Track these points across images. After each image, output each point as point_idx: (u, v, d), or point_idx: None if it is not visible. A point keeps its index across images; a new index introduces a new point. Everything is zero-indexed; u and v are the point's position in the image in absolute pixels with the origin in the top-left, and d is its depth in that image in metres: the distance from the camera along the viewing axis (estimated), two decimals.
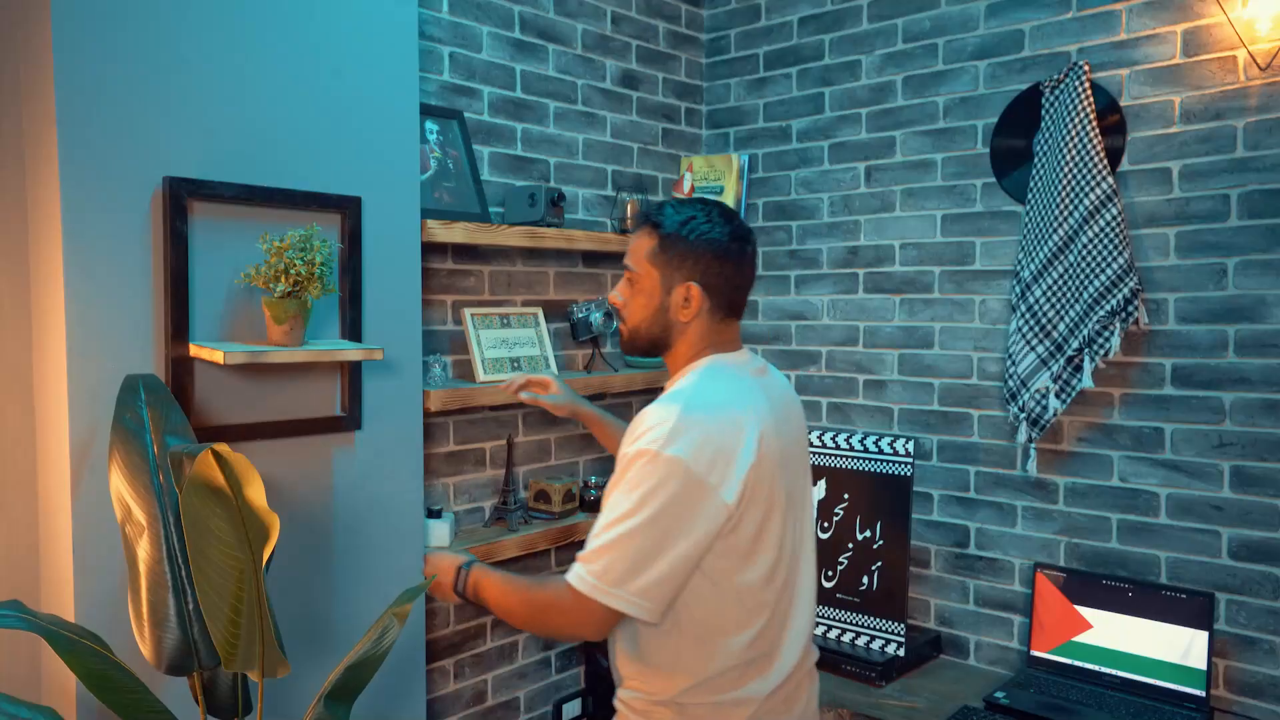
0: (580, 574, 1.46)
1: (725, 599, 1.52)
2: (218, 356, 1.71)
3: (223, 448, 1.38)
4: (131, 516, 1.60)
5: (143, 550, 1.59)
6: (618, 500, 1.47)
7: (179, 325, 1.76)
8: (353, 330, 2.03)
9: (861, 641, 2.60)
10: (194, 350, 1.78)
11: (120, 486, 1.60)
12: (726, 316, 1.63)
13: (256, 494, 1.42)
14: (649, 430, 1.48)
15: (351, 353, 1.91)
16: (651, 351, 1.67)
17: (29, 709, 1.44)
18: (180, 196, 1.75)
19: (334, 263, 1.92)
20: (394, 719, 2.16)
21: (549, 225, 2.52)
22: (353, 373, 2.03)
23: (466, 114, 2.52)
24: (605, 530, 1.46)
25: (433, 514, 2.34)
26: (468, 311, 2.46)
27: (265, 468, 1.85)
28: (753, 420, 1.51)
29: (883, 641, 2.57)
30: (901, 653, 2.53)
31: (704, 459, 1.45)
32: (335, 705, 1.60)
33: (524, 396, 2.03)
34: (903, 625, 2.55)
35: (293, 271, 1.76)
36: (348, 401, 2.03)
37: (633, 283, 1.64)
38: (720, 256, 1.59)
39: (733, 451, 1.48)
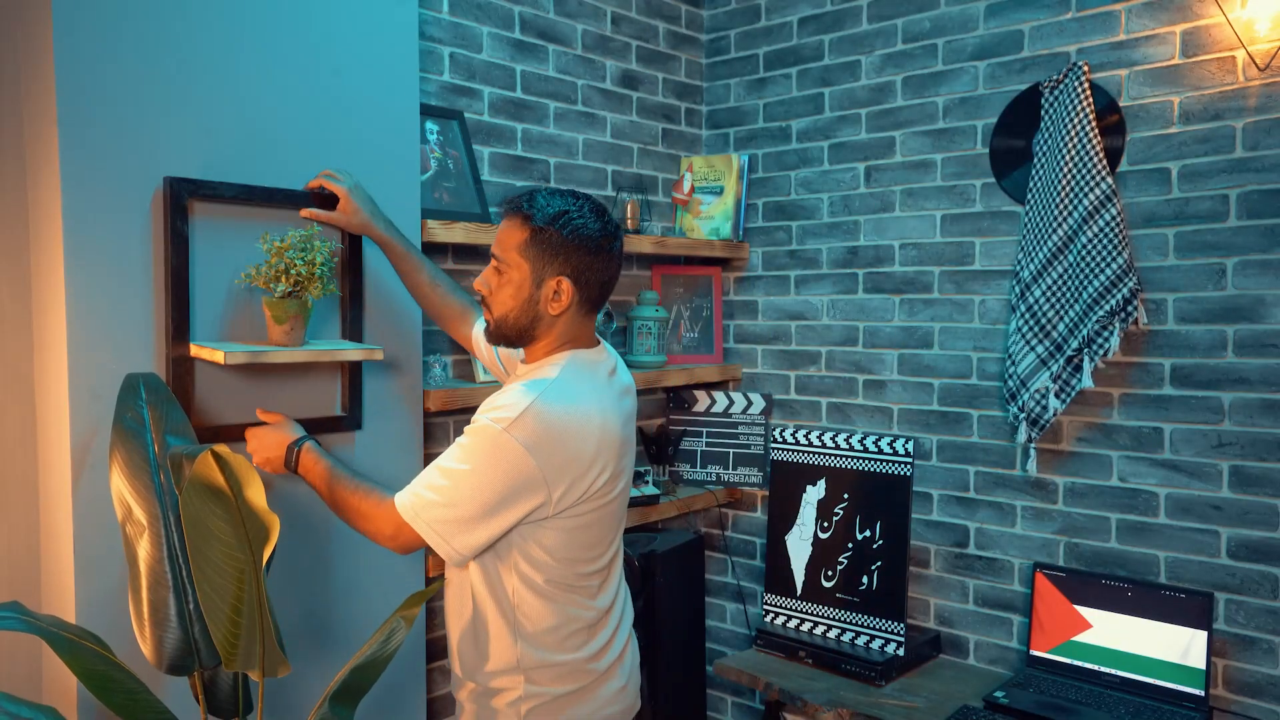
0: (404, 498, 1.59)
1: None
2: (218, 357, 1.72)
3: (222, 449, 1.38)
4: (132, 516, 1.60)
5: (143, 550, 1.59)
6: (455, 457, 1.58)
7: (179, 325, 1.77)
8: (353, 330, 2.03)
9: (861, 641, 2.61)
10: (194, 350, 1.78)
11: (121, 486, 1.60)
12: (591, 311, 1.69)
13: (257, 494, 1.42)
14: (502, 408, 1.56)
15: (351, 353, 1.91)
16: (516, 342, 1.70)
17: (30, 709, 1.44)
18: (180, 196, 1.75)
19: (334, 263, 1.92)
20: (394, 718, 2.17)
21: None
22: (353, 373, 2.03)
23: (466, 114, 2.53)
24: (441, 468, 1.58)
25: None
26: None
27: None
28: (599, 422, 1.61)
29: (882, 641, 2.57)
30: (901, 652, 2.53)
31: (542, 450, 1.55)
32: (340, 706, 1.60)
33: (304, 212, 1.87)
34: (902, 625, 2.56)
35: (293, 271, 1.76)
36: (348, 401, 2.03)
37: (501, 272, 1.65)
38: (592, 252, 1.63)
39: (572, 451, 1.58)
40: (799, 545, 2.77)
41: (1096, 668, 2.35)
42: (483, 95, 2.58)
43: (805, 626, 2.72)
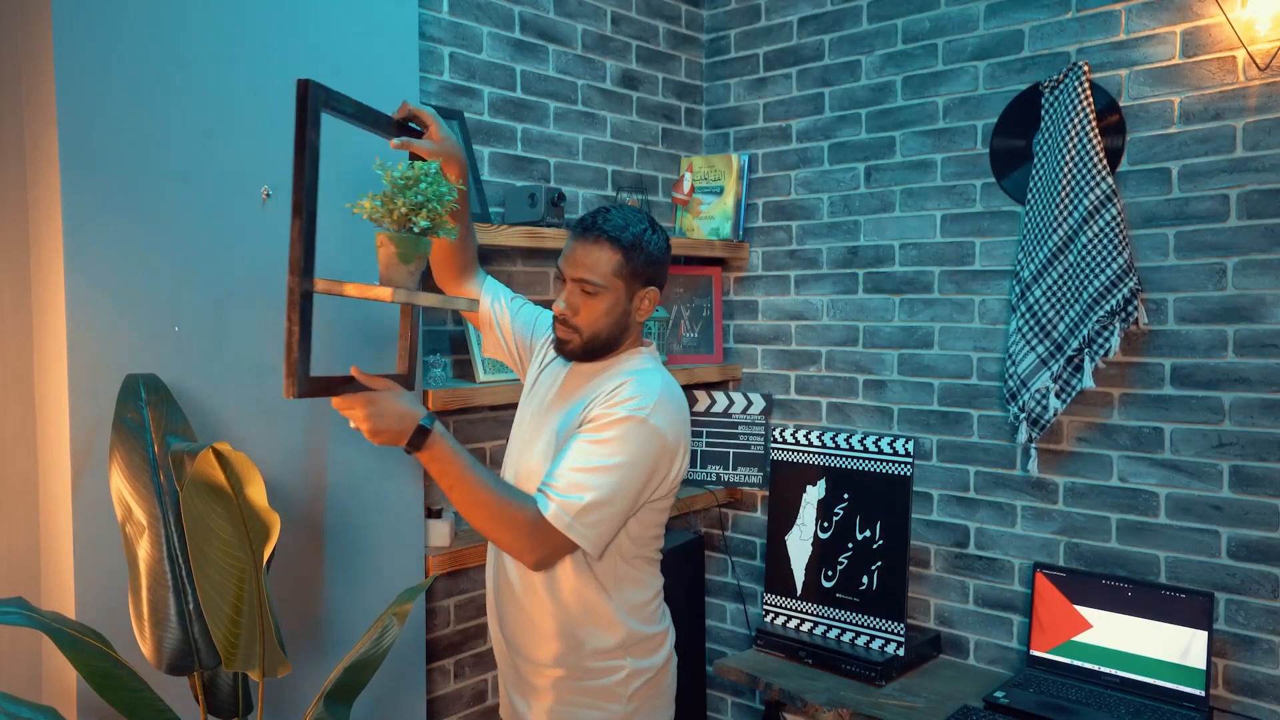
0: (558, 512, 1.60)
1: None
2: (384, 294, 1.52)
3: (224, 446, 1.38)
4: (132, 516, 1.60)
5: (143, 550, 1.59)
6: (601, 453, 1.63)
7: (308, 255, 1.53)
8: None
9: (861, 641, 2.61)
10: (335, 288, 1.53)
11: (121, 486, 1.60)
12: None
13: (257, 493, 1.42)
14: (635, 398, 1.66)
15: (473, 301, 1.91)
16: (602, 354, 1.78)
17: (30, 709, 1.44)
18: (316, 101, 1.57)
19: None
20: (394, 719, 2.17)
21: (549, 225, 2.52)
22: (413, 332, 2.01)
23: (466, 114, 2.53)
24: (589, 474, 1.62)
25: (432, 514, 2.34)
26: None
27: (266, 467, 1.86)
28: (689, 408, 1.81)
29: (882, 641, 2.57)
30: (901, 653, 2.53)
31: (675, 430, 1.70)
32: (335, 705, 1.60)
33: (396, 143, 1.73)
34: (902, 625, 2.56)
35: (431, 207, 1.54)
36: (409, 362, 2.01)
37: (593, 294, 1.72)
38: (666, 261, 1.80)
39: (688, 430, 1.77)
40: (799, 545, 2.77)
41: (1096, 668, 2.35)
42: (483, 95, 2.58)
43: (805, 626, 2.72)
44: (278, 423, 1.94)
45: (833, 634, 2.66)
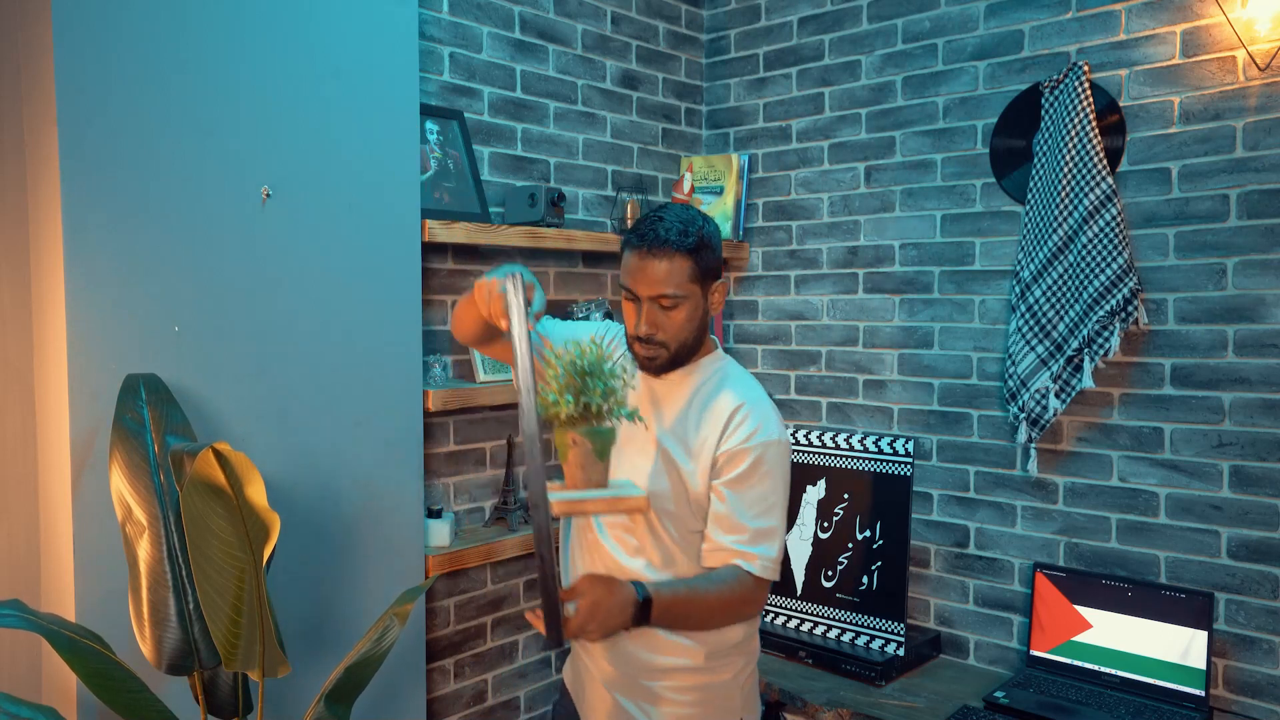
0: (765, 564, 1.67)
1: None
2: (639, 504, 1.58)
3: (224, 446, 1.38)
4: (132, 516, 1.60)
5: (143, 550, 1.59)
6: (767, 486, 1.69)
7: None
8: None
9: (861, 641, 2.61)
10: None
11: (121, 486, 1.60)
12: None
13: (257, 493, 1.42)
14: (759, 426, 1.69)
15: None
16: (686, 360, 1.75)
17: (30, 709, 1.44)
18: None
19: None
20: (394, 719, 2.17)
21: (549, 225, 2.52)
22: None
23: (466, 114, 2.53)
24: (764, 516, 1.68)
25: (433, 514, 2.34)
26: None
27: (266, 467, 1.86)
28: None
29: (882, 641, 2.57)
30: (901, 653, 2.53)
31: (787, 431, 1.79)
32: (335, 705, 1.60)
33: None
34: (903, 625, 2.56)
35: (614, 387, 1.50)
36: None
37: (673, 307, 1.67)
38: (721, 245, 1.77)
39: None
40: (799, 545, 2.77)
41: (1096, 668, 2.35)
42: (483, 95, 2.58)
43: (805, 626, 2.72)
44: (277, 423, 1.94)
45: (833, 634, 2.66)
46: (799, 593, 2.76)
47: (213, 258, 1.84)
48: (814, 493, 2.76)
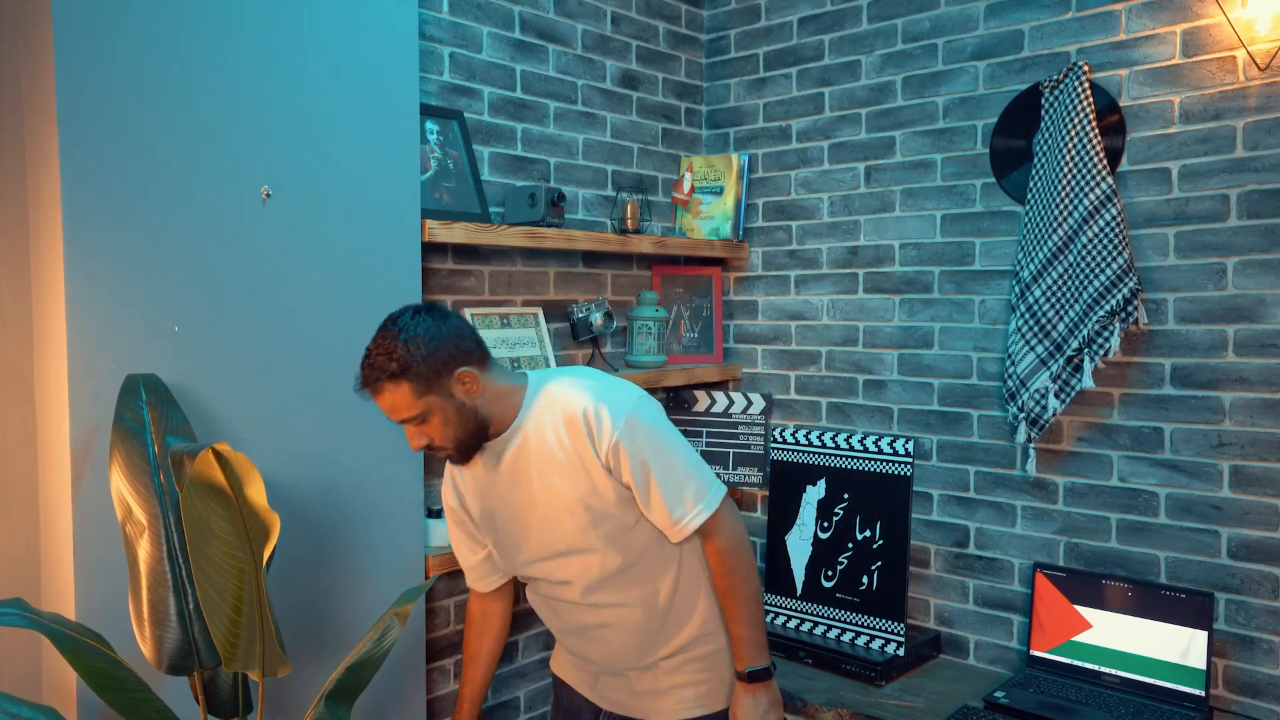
0: (708, 502, 1.77)
1: None
2: None
3: (223, 446, 1.38)
4: (132, 516, 1.60)
5: (143, 550, 1.59)
6: (661, 452, 1.74)
7: None
8: None
9: (861, 641, 2.61)
10: None
11: (121, 486, 1.60)
12: (490, 362, 1.76)
13: (257, 493, 1.42)
14: (610, 407, 1.72)
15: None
16: (483, 438, 1.76)
17: (30, 708, 1.44)
18: None
19: None
20: (394, 718, 2.17)
21: (549, 225, 2.52)
22: None
23: (466, 114, 2.53)
24: (675, 475, 1.75)
25: (433, 514, 2.34)
26: (468, 312, 2.47)
27: (266, 467, 1.86)
28: None
29: (882, 641, 2.58)
30: (901, 652, 2.53)
31: (647, 396, 1.82)
32: (336, 705, 1.60)
33: None
34: (902, 625, 2.56)
35: None
36: None
37: (425, 420, 1.67)
38: (454, 338, 1.68)
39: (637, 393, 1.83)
40: (799, 545, 2.77)
41: (1096, 668, 2.35)
42: (483, 95, 2.58)
43: (805, 626, 2.72)
44: (277, 423, 1.94)
45: (833, 634, 2.66)
46: (799, 593, 2.76)
47: (213, 258, 1.84)
48: (814, 492, 2.77)
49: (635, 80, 2.99)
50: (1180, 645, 2.24)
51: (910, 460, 2.61)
